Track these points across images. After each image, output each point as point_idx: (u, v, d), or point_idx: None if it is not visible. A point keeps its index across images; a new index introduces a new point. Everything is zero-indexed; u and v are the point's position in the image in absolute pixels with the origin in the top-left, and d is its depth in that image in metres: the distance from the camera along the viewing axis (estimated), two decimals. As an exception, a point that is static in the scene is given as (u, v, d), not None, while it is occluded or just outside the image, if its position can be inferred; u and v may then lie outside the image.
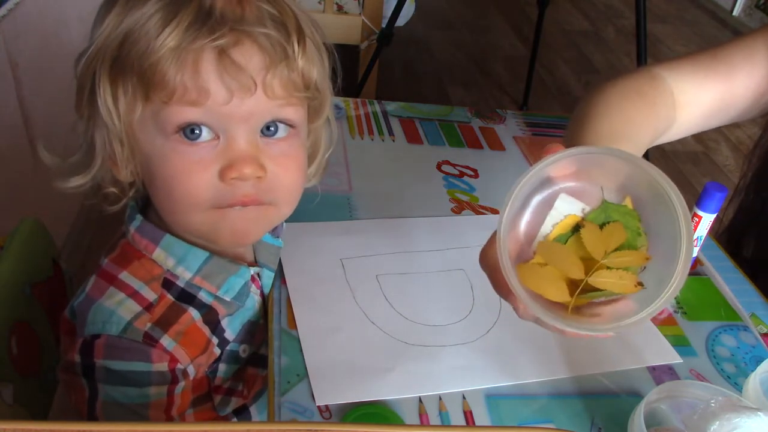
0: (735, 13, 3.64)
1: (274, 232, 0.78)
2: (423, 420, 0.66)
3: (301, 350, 0.70)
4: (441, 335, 0.75)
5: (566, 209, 0.57)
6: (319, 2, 2.34)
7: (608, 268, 0.55)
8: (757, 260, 0.96)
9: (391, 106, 1.15)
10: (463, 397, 0.68)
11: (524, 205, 0.57)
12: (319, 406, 0.65)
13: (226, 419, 0.75)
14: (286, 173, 0.65)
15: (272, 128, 0.63)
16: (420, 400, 0.67)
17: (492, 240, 0.59)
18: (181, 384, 0.67)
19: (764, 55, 0.83)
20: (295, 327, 0.73)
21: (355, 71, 2.41)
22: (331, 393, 0.66)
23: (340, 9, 2.37)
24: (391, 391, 0.67)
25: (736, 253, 0.96)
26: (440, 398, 0.68)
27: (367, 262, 0.83)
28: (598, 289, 0.56)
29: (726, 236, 1.01)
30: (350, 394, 0.67)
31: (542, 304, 0.54)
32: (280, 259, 0.80)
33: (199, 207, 0.63)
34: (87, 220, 1.80)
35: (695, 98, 0.83)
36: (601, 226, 0.56)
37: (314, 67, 0.64)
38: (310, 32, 0.65)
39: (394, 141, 1.07)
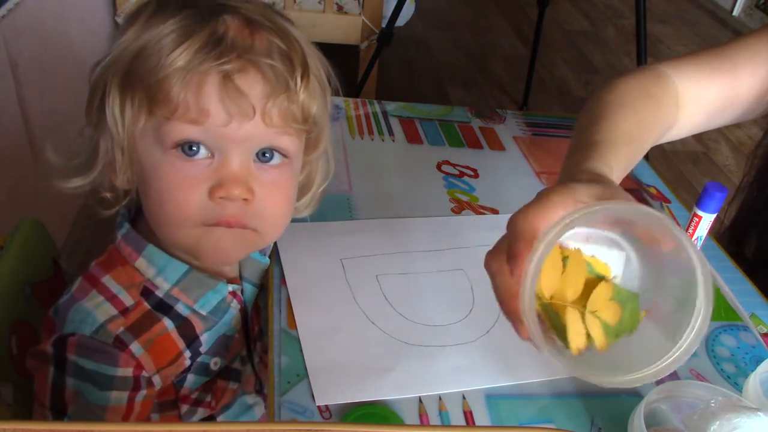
0: (735, 13, 3.64)
1: (262, 250, 0.78)
2: (423, 420, 0.66)
3: (301, 350, 0.71)
4: (441, 335, 0.75)
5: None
6: (319, 2, 2.34)
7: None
8: (759, 259, 0.96)
9: (391, 106, 1.15)
10: (463, 397, 0.68)
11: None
12: (319, 406, 0.65)
13: None
14: (273, 201, 0.66)
15: (267, 155, 0.65)
16: (420, 400, 0.67)
17: (501, 245, 0.58)
18: (143, 392, 0.67)
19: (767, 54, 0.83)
20: (295, 327, 0.73)
21: (355, 71, 2.41)
22: (331, 393, 0.66)
23: (340, 9, 2.37)
24: (391, 391, 0.67)
25: (738, 252, 0.96)
26: (440, 398, 0.68)
27: (367, 262, 0.83)
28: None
29: (728, 234, 1.01)
30: (350, 394, 0.67)
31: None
32: (279, 260, 0.80)
33: (187, 222, 0.64)
34: (87, 220, 1.80)
35: (699, 97, 0.83)
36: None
37: (315, 101, 0.66)
38: (316, 69, 0.67)
39: (394, 141, 1.07)
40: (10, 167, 1.42)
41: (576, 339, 0.55)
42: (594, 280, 0.57)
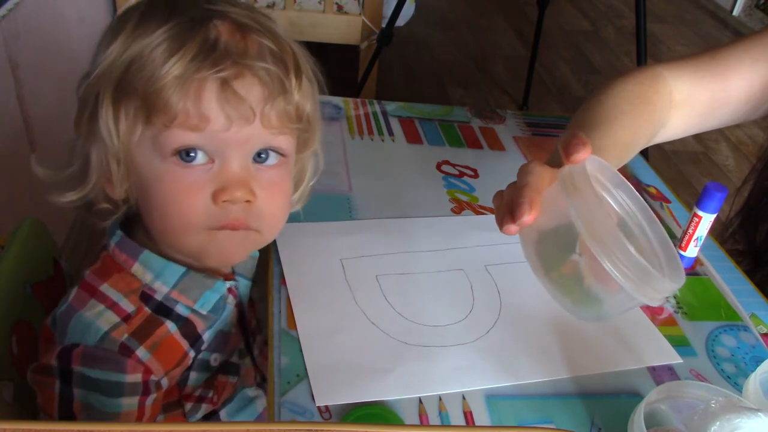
0: (735, 13, 3.64)
1: None
2: (423, 420, 0.66)
3: (301, 351, 0.71)
4: (441, 335, 0.75)
5: None
6: (319, 2, 2.34)
7: None
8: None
9: (391, 106, 1.15)
10: (463, 398, 0.68)
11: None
12: (318, 407, 0.65)
13: None
14: (273, 201, 0.67)
15: (263, 155, 0.66)
16: (420, 400, 0.67)
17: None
18: (153, 396, 0.68)
19: (764, 58, 0.84)
20: (295, 327, 0.73)
21: (355, 71, 2.41)
22: (330, 393, 0.66)
23: (340, 9, 2.37)
24: (391, 391, 0.67)
25: (749, 239, 0.97)
26: (440, 399, 0.68)
27: (367, 263, 0.83)
28: None
29: (740, 219, 1.01)
30: (350, 395, 0.67)
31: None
32: (279, 260, 0.81)
33: (192, 228, 0.65)
34: (87, 220, 1.80)
35: (690, 98, 0.84)
36: None
37: (308, 100, 0.67)
38: (305, 67, 0.68)
39: (393, 141, 1.07)
40: (10, 167, 1.42)
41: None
42: None
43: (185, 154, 0.62)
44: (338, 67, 2.54)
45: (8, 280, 0.76)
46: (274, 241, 0.83)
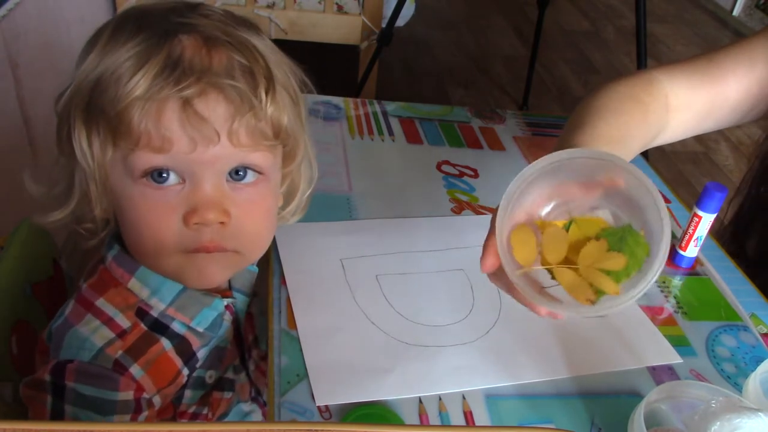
0: (735, 13, 3.64)
1: None
2: (423, 420, 0.66)
3: (301, 350, 0.71)
4: (441, 335, 0.75)
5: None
6: (319, 2, 2.34)
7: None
8: (760, 255, 0.96)
9: (391, 106, 1.15)
10: (463, 398, 0.68)
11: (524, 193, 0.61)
12: (318, 407, 0.65)
13: None
14: (251, 220, 0.65)
15: (240, 173, 0.63)
16: (420, 400, 0.67)
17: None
18: (144, 413, 0.66)
19: (761, 59, 0.84)
20: (295, 327, 0.73)
21: (355, 71, 2.41)
22: (330, 393, 0.66)
23: (340, 9, 2.37)
24: (391, 391, 0.68)
25: (740, 250, 0.96)
26: (440, 398, 0.68)
27: (367, 262, 0.83)
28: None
29: (731, 229, 1.01)
30: (350, 395, 0.67)
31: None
32: (279, 260, 0.80)
33: (165, 250, 0.63)
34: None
35: (688, 101, 0.84)
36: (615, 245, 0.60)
37: (284, 113, 0.64)
38: (284, 78, 0.65)
39: (394, 141, 1.07)
40: (10, 167, 1.42)
41: (577, 294, 0.59)
42: (584, 241, 0.60)
43: (157, 175, 0.61)
44: (338, 67, 2.55)
45: (8, 280, 0.76)
46: (274, 241, 0.83)
